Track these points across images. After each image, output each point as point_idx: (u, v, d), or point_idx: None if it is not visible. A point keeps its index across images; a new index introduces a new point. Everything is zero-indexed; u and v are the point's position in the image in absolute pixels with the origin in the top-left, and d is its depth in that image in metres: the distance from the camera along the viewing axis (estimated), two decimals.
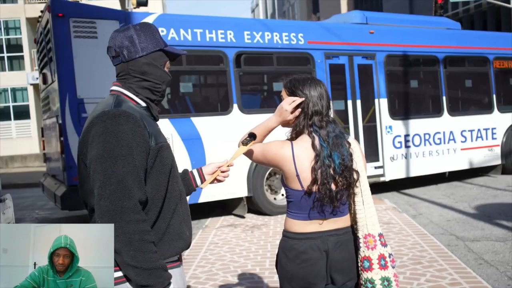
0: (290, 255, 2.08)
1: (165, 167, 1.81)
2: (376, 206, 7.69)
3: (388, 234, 6.02)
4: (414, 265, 4.79)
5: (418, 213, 7.42)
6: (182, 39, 7.05)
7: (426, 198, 8.59)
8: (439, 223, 6.71)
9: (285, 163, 2.07)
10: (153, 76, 1.87)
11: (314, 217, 2.07)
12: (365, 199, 2.12)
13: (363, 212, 2.10)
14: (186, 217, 1.92)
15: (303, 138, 2.11)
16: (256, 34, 7.63)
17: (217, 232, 6.67)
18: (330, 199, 2.03)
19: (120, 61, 1.86)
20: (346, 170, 2.06)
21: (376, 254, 2.05)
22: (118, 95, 1.85)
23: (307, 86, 2.13)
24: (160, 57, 1.89)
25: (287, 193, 2.13)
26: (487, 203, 7.86)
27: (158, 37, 1.89)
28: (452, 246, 5.52)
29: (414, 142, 8.98)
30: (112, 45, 1.86)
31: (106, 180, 1.63)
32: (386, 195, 9.12)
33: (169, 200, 1.82)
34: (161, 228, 1.79)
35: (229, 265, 5.12)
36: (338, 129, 2.13)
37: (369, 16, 9.09)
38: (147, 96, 1.88)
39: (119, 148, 1.66)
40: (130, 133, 1.68)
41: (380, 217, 6.96)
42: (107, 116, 1.70)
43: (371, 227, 2.09)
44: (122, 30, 1.88)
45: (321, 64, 8.09)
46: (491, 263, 4.85)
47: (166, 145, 1.84)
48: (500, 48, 10.29)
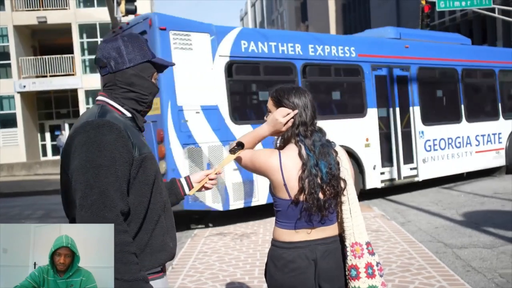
0: (279, 264, 2.08)
1: (148, 178, 1.80)
2: (364, 213, 7.75)
3: (376, 241, 6.04)
4: (403, 273, 4.81)
5: (406, 221, 7.46)
6: (260, 51, 7.82)
7: (414, 206, 8.64)
8: (427, 230, 6.75)
9: (273, 172, 2.08)
10: (140, 87, 1.86)
11: (302, 226, 2.07)
12: (352, 207, 2.12)
13: (350, 220, 2.11)
14: (170, 228, 1.90)
15: (290, 147, 2.13)
16: (318, 47, 8.45)
17: (206, 241, 6.64)
18: (318, 208, 2.04)
19: (108, 72, 1.85)
20: (334, 179, 2.06)
21: (363, 263, 2.06)
22: (103, 105, 1.84)
23: (292, 96, 2.14)
24: (147, 68, 1.89)
25: (274, 203, 2.14)
26: (474, 210, 7.93)
27: (146, 49, 1.89)
28: (440, 253, 5.55)
29: (440, 145, 10.10)
30: (100, 55, 1.85)
31: (88, 190, 1.61)
32: (374, 202, 9.16)
33: (152, 211, 1.81)
34: (143, 239, 1.77)
35: (218, 274, 5.10)
36: (324, 138, 2.15)
37: (402, 32, 10.28)
38: (133, 107, 1.88)
39: (102, 159, 1.64)
40: (113, 144, 1.67)
41: (368, 225, 6.98)
42: (90, 126, 1.69)
43: (358, 236, 2.09)
44: (110, 40, 1.87)
45: (369, 75, 9.03)
46: (478, 270, 4.89)
47: (150, 155, 1.82)
48: (504, 62, 11.69)
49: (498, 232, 6.36)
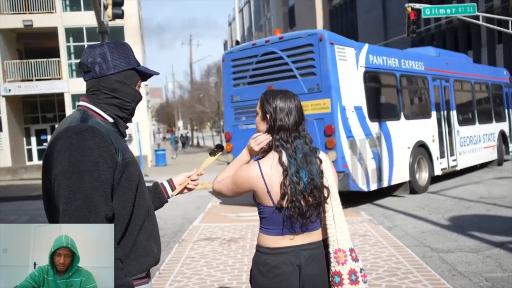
0: (263, 269, 2.08)
1: (131, 183, 1.79)
2: (352, 218, 7.79)
3: (364, 246, 6.07)
4: (390, 277, 4.83)
5: (393, 225, 7.50)
6: (378, 63, 9.88)
7: (401, 210, 8.70)
8: (414, 235, 6.80)
9: (256, 182, 2.07)
10: (123, 94, 1.87)
11: (286, 232, 2.07)
12: (336, 214, 2.12)
13: (333, 227, 2.10)
14: (154, 233, 1.90)
15: (270, 155, 2.12)
16: (407, 62, 10.84)
17: (193, 246, 6.61)
18: (300, 216, 2.04)
19: (91, 77, 1.85)
20: (316, 189, 2.06)
21: (347, 269, 2.05)
22: (85, 110, 1.83)
23: (277, 100, 2.13)
24: (132, 76, 1.89)
25: (259, 210, 2.13)
26: (460, 214, 8.01)
27: (131, 56, 1.90)
28: (426, 257, 5.59)
29: (466, 142, 12.85)
30: (85, 60, 1.85)
31: (72, 196, 1.60)
32: (362, 207, 9.20)
33: (136, 216, 1.80)
34: (127, 244, 1.77)
35: (206, 279, 5.07)
36: (307, 147, 2.13)
37: (440, 52, 13.37)
38: (115, 113, 1.87)
39: (85, 164, 1.63)
40: (96, 149, 1.66)
41: (356, 230, 7.01)
42: (73, 131, 1.68)
43: (341, 242, 2.09)
44: (96, 46, 1.87)
45: (431, 86, 11.47)
46: (464, 274, 4.93)
47: (133, 161, 1.82)
48: (494, 77, 15.31)
49: (484, 236, 6.43)
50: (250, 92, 9.40)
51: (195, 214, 9.44)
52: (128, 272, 1.73)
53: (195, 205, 10.82)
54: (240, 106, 9.81)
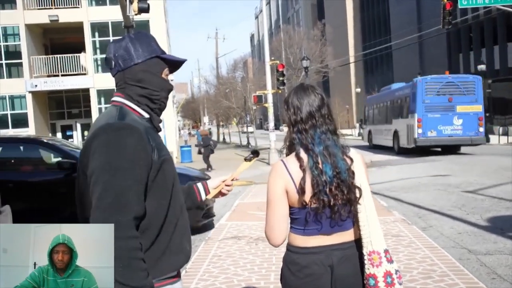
0: (293, 269, 2.07)
1: (167, 181, 1.83)
2: (384, 218, 7.69)
3: (397, 247, 5.99)
4: (425, 280, 4.75)
5: (428, 226, 7.38)
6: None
7: (436, 210, 8.54)
8: (450, 235, 6.67)
9: (288, 184, 2.05)
10: (149, 83, 1.90)
11: (315, 231, 2.06)
12: (369, 214, 2.08)
13: (367, 228, 2.07)
14: (186, 231, 1.93)
15: (293, 152, 2.12)
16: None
17: (220, 245, 6.65)
18: (329, 209, 2.02)
19: (117, 71, 1.90)
20: (343, 184, 2.03)
21: (382, 272, 2.02)
22: (121, 106, 1.87)
23: (291, 96, 2.17)
24: (156, 64, 1.92)
25: (290, 212, 2.11)
26: (499, 215, 7.82)
27: (154, 45, 1.93)
28: (463, 260, 5.48)
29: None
30: (109, 56, 1.91)
31: (104, 192, 1.64)
32: (395, 206, 9.08)
33: (171, 214, 1.83)
34: (163, 243, 1.79)
35: (233, 278, 5.09)
36: (328, 137, 2.10)
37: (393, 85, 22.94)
38: (146, 104, 1.91)
39: (121, 161, 1.67)
40: (132, 147, 1.70)
41: (388, 230, 6.92)
42: (111, 129, 1.72)
43: (375, 244, 2.05)
44: (118, 40, 1.92)
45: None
46: (504, 277, 4.81)
47: (168, 158, 1.86)
48: (399, 93, 23.53)
49: None
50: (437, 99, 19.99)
51: (221, 212, 9.49)
52: (162, 270, 1.77)
53: (221, 202, 10.88)
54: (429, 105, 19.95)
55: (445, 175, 13.28)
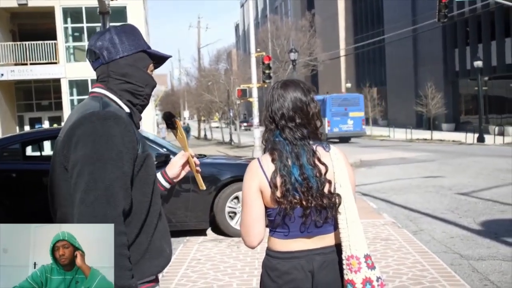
0: (273, 275, 2.07)
1: (150, 177, 1.83)
2: (373, 220, 7.78)
3: (386, 251, 6.06)
4: (415, 286, 4.81)
5: (419, 229, 7.47)
6: None
7: (428, 213, 8.65)
8: (441, 240, 6.76)
9: (262, 182, 2.06)
10: (134, 78, 1.91)
11: (296, 234, 2.05)
12: (349, 216, 2.06)
13: (346, 231, 2.05)
14: (165, 233, 1.93)
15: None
16: None
17: (199, 247, 6.65)
18: (299, 213, 2.02)
19: (100, 63, 1.90)
20: (312, 191, 2.02)
21: (360, 278, 2.01)
22: (102, 97, 1.87)
23: (272, 90, 2.18)
24: (142, 59, 1.93)
25: (266, 213, 2.11)
26: (493, 219, 7.95)
27: (140, 39, 1.95)
28: (455, 265, 5.56)
29: None
30: (92, 47, 1.90)
31: (92, 184, 1.62)
32: (384, 208, 9.18)
33: (152, 213, 1.83)
34: (143, 243, 1.79)
35: (213, 284, 5.10)
36: (305, 144, 2.07)
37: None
38: (129, 99, 1.91)
39: (110, 152, 1.67)
40: (120, 137, 1.70)
41: (377, 233, 6.99)
42: (96, 117, 1.71)
43: (355, 248, 2.04)
44: (102, 32, 1.93)
45: None
46: (497, 284, 4.89)
47: (151, 154, 1.87)
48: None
49: None
50: None
51: None
52: (142, 274, 1.76)
53: None
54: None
55: (438, 177, 13.46)
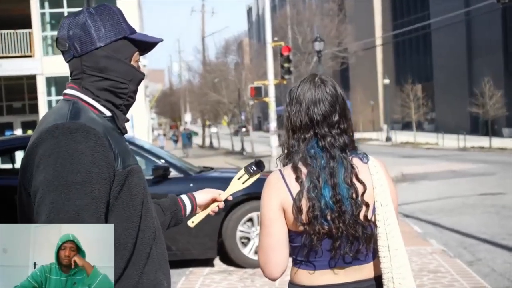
0: None
1: (135, 198, 1.80)
2: (418, 248, 7.72)
3: (435, 286, 6.02)
4: None
5: (475, 259, 7.42)
6: None
7: (486, 238, 8.58)
8: (503, 272, 6.71)
9: (285, 200, 2.05)
10: (114, 73, 1.86)
11: (324, 265, 2.06)
12: (392, 242, 2.05)
13: (388, 260, 2.05)
14: (163, 262, 1.92)
15: (291, 163, 2.13)
16: None
17: (205, 281, 6.66)
18: (327, 245, 2.02)
19: (72, 56, 1.85)
20: (345, 217, 2.01)
21: None
22: (75, 101, 1.83)
23: (295, 90, 2.16)
24: (124, 48, 1.89)
25: (289, 237, 2.11)
26: None
27: (121, 22, 1.89)
28: None
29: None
30: (62, 35, 1.85)
31: (54, 214, 1.61)
32: (432, 233, 9.12)
33: (142, 240, 1.82)
34: (132, 277, 1.78)
35: None
36: (338, 157, 2.06)
37: None
38: (108, 99, 1.87)
39: (74, 174, 1.64)
40: (89, 155, 1.67)
41: (424, 264, 6.95)
42: (60, 131, 1.68)
43: (398, 282, 2.03)
44: (74, 15, 1.87)
45: None
46: None
47: (136, 168, 1.83)
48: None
49: None
50: None
51: None
52: None
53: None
54: None
55: (498, 194, 13.35)
